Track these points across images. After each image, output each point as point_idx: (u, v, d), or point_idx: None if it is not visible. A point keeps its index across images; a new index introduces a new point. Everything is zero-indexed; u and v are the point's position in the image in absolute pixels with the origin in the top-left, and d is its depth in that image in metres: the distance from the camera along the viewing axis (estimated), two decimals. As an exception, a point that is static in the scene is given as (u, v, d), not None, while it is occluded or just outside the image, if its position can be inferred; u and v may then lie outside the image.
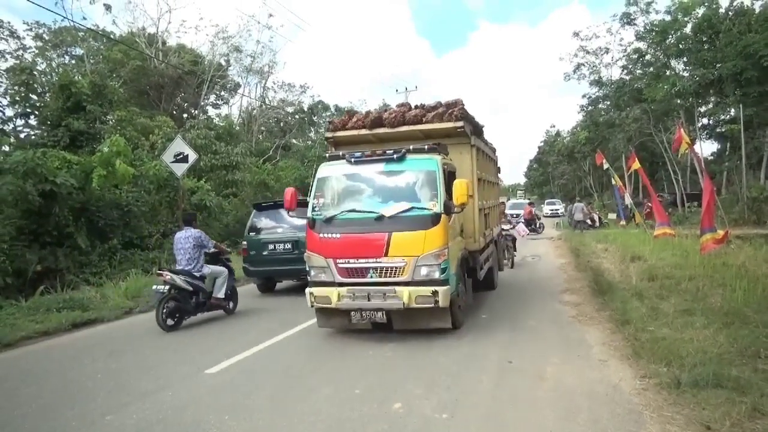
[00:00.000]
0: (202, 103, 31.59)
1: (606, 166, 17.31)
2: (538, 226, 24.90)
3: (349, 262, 6.31)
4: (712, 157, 34.78)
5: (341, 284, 6.35)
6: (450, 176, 6.76)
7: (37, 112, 19.68)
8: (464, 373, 5.25)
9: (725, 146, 32.16)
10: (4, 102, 20.55)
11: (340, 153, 6.94)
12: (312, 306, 6.56)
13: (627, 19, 30.55)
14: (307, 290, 6.55)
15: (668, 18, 28.55)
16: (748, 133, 26.52)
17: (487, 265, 8.83)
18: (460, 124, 7.19)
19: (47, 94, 19.76)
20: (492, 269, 9.65)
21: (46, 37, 26.43)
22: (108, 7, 24.97)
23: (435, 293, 6.02)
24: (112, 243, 12.90)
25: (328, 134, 8.01)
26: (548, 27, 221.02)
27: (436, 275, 6.11)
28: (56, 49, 27.15)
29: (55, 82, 18.09)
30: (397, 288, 6.13)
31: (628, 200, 18.44)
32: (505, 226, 13.27)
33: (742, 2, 27.12)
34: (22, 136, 19.78)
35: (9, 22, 31.63)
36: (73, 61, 26.80)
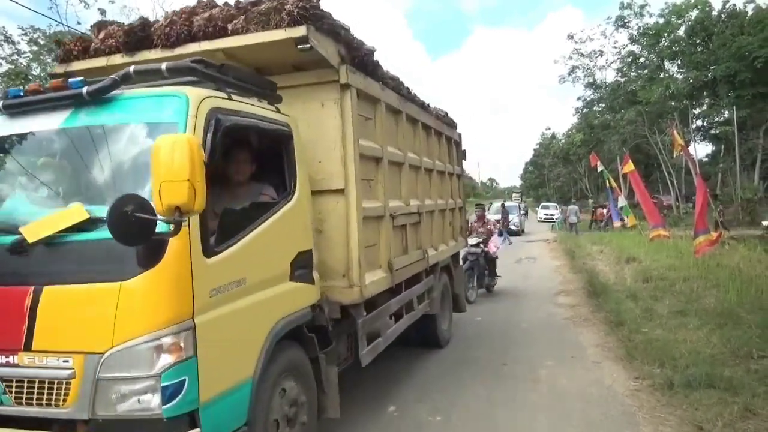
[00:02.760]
0: (198, 107, 31.65)
1: (600, 168, 17.31)
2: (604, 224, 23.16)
3: None
4: (706, 159, 35.02)
5: None
6: (279, 143, 3.25)
7: (31, 117, 19.56)
8: (458, 376, 5.24)
9: (719, 148, 32.43)
10: (-1, 107, 20.46)
11: None
12: None
13: (621, 22, 30.82)
14: None
15: (661, 21, 28.80)
16: (742, 134, 26.74)
17: (405, 320, 5.00)
18: (300, 32, 3.19)
19: (42, 99, 19.65)
20: (434, 318, 5.90)
21: (41, 42, 26.39)
22: (103, 12, 24.88)
23: None
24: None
25: (58, 68, 3.88)
26: (546, 28, 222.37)
27: (153, 405, 2.22)
28: (51, 54, 27.14)
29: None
30: None
31: (622, 202, 18.44)
32: (473, 240, 8.85)
33: (734, 5, 27.42)
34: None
35: (3, 27, 31.48)
36: (68, 66, 26.81)
